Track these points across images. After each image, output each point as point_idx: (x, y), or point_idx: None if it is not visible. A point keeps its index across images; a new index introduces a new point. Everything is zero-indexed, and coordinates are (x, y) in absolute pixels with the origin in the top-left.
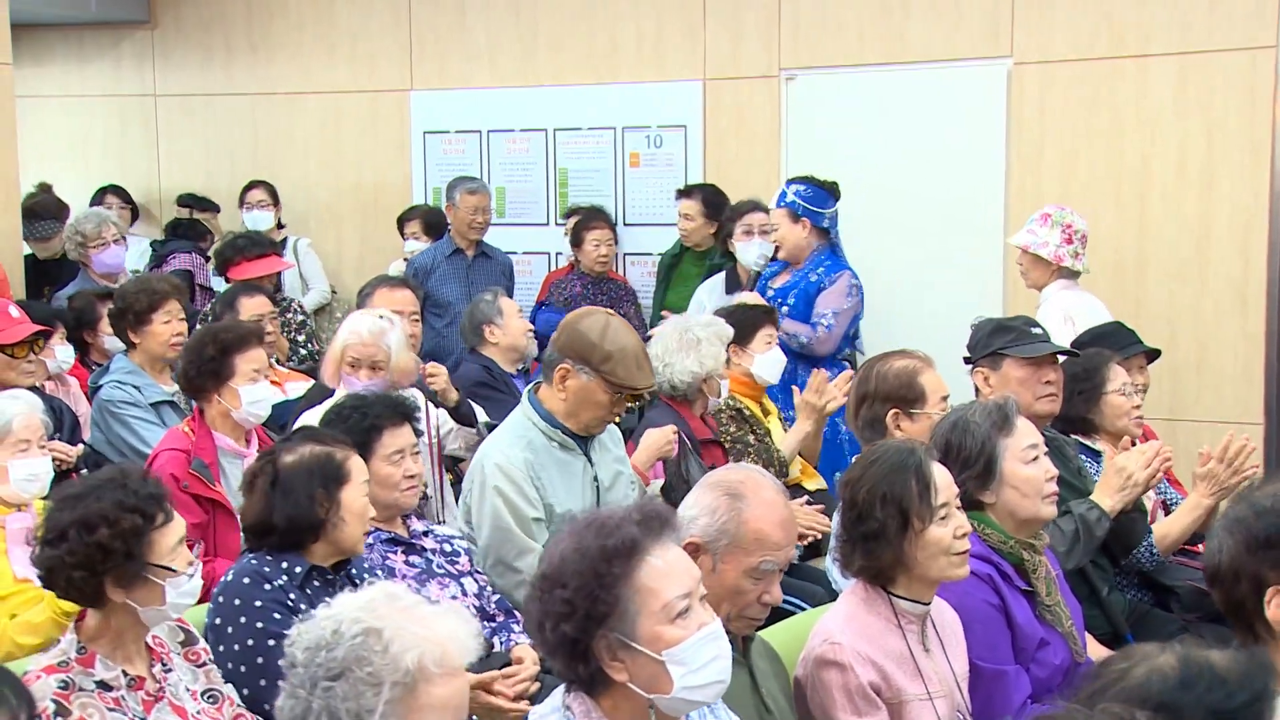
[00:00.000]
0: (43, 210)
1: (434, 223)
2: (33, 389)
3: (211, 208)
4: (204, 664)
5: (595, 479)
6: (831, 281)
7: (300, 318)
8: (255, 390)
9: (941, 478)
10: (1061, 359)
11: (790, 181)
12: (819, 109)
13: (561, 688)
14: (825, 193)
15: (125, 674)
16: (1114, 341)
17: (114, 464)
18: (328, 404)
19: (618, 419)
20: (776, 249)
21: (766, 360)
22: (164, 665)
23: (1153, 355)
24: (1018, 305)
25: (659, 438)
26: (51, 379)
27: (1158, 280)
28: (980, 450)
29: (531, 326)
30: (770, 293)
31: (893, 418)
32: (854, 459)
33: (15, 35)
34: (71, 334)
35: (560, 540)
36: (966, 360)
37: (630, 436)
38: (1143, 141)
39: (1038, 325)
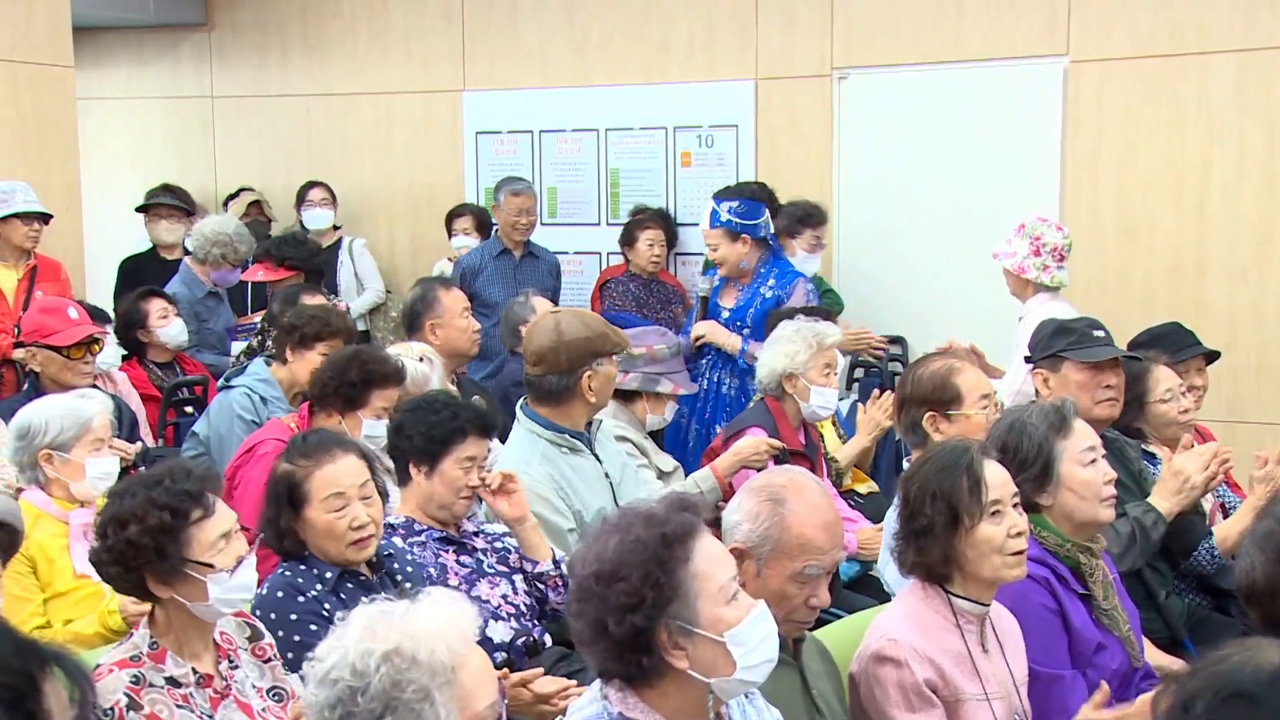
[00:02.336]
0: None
1: (485, 221)
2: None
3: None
4: (269, 660)
5: (606, 474)
6: (788, 293)
7: None
8: (377, 426)
9: (994, 476)
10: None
11: (718, 199)
12: (871, 108)
13: (598, 680)
14: (756, 202)
15: (194, 671)
16: (1171, 343)
17: (166, 460)
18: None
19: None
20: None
21: (824, 395)
22: (231, 662)
23: (1212, 357)
24: (1072, 306)
25: (749, 447)
26: (99, 377)
27: (1217, 281)
28: (1037, 452)
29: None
30: (725, 314)
31: (929, 420)
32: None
33: (76, 38)
34: (124, 336)
35: (600, 540)
36: (1027, 359)
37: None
38: (1202, 140)
39: (1101, 328)
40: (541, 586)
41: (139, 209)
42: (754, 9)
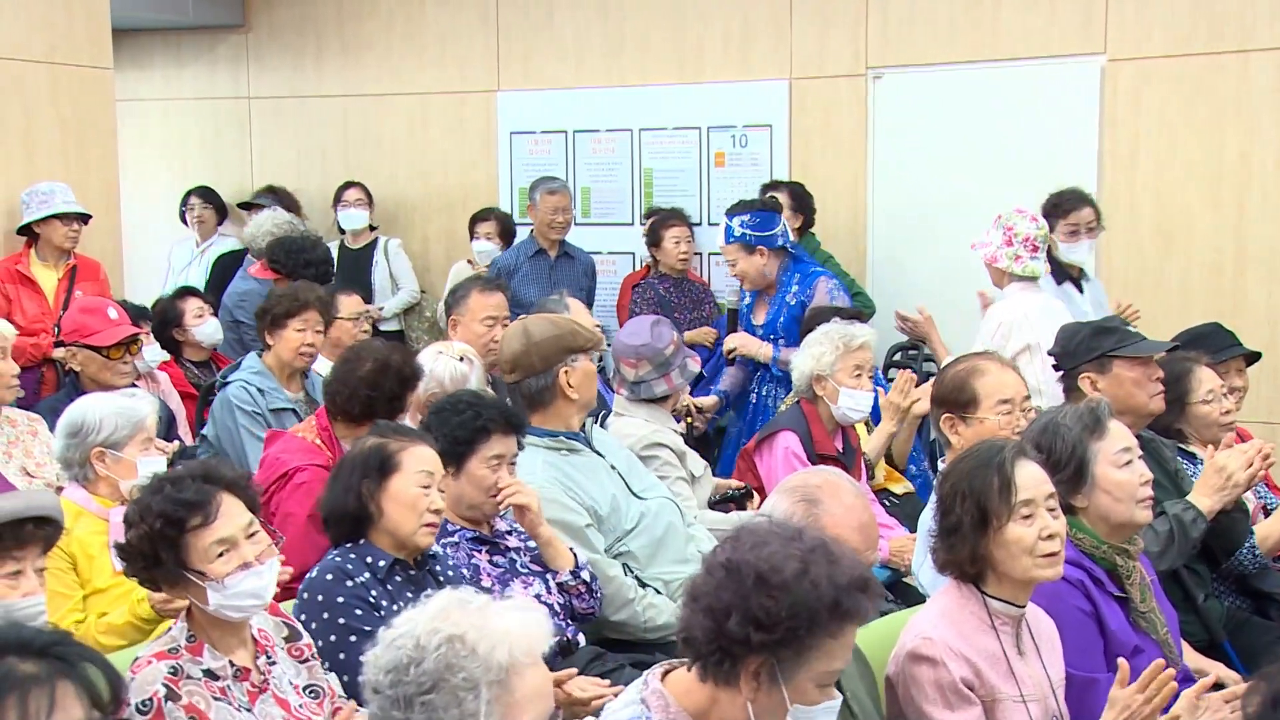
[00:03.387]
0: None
1: (509, 227)
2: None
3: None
4: (307, 659)
5: (613, 466)
6: (811, 295)
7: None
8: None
9: (1027, 476)
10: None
11: (730, 214)
12: (906, 107)
13: (637, 682)
14: (768, 213)
15: (232, 664)
16: (1212, 343)
17: (187, 462)
18: None
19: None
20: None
21: (854, 397)
22: (268, 658)
23: (1252, 358)
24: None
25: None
26: (141, 377)
27: (1257, 280)
28: (1071, 454)
29: (599, 324)
30: (759, 331)
31: (946, 422)
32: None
33: (115, 40)
34: (160, 335)
35: (786, 546)
36: (1056, 367)
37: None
38: (1241, 139)
39: (1127, 323)
40: (564, 595)
41: (241, 206)
42: (788, 9)
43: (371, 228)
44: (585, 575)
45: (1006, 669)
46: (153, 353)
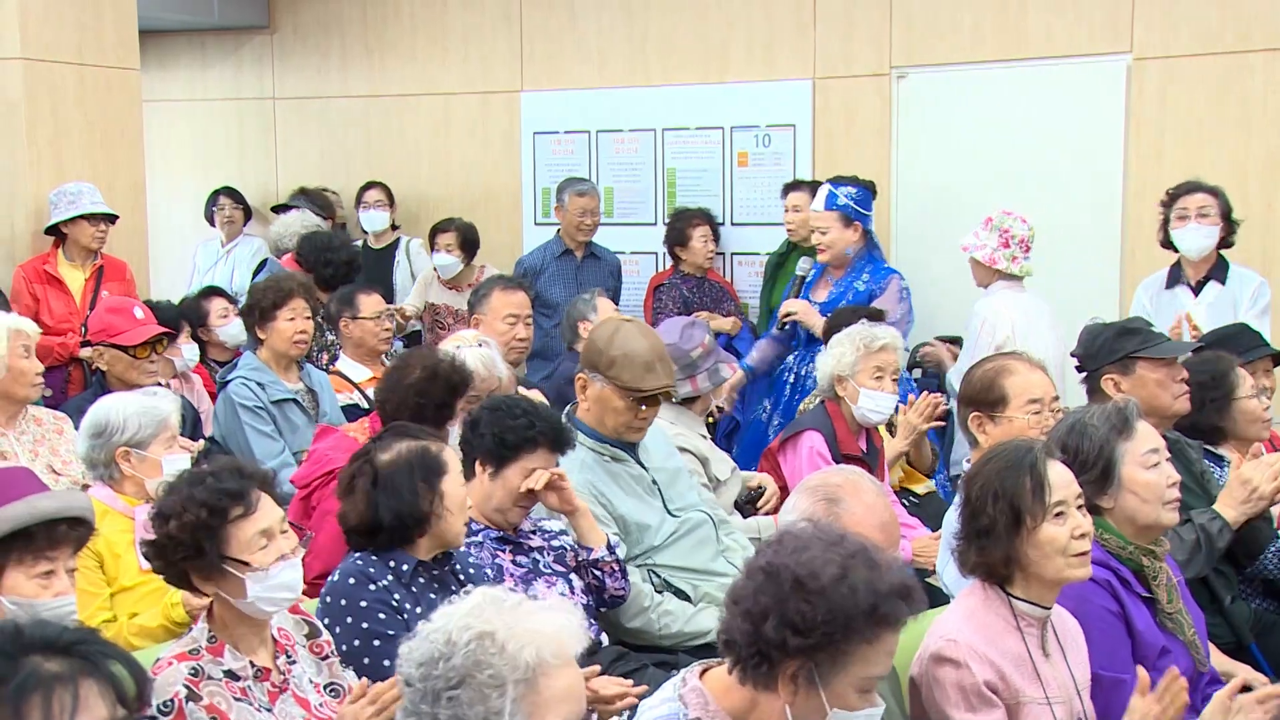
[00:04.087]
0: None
1: (471, 239)
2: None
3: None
4: (327, 657)
5: (654, 481)
6: (882, 288)
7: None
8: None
9: (1059, 476)
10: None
11: (835, 183)
12: (931, 107)
13: (674, 680)
14: (869, 192)
15: (252, 665)
16: (1239, 343)
17: (219, 457)
18: None
19: (644, 424)
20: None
21: (874, 398)
22: (288, 657)
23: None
24: (1135, 305)
25: None
26: (177, 377)
27: None
28: (1098, 454)
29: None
30: (817, 307)
31: (974, 422)
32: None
33: (141, 41)
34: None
35: (827, 551)
36: (1079, 368)
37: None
38: (1269, 137)
39: (1150, 324)
40: (598, 573)
41: (274, 209)
42: (812, 9)
43: (394, 227)
44: (620, 553)
45: (1031, 671)
46: (190, 352)
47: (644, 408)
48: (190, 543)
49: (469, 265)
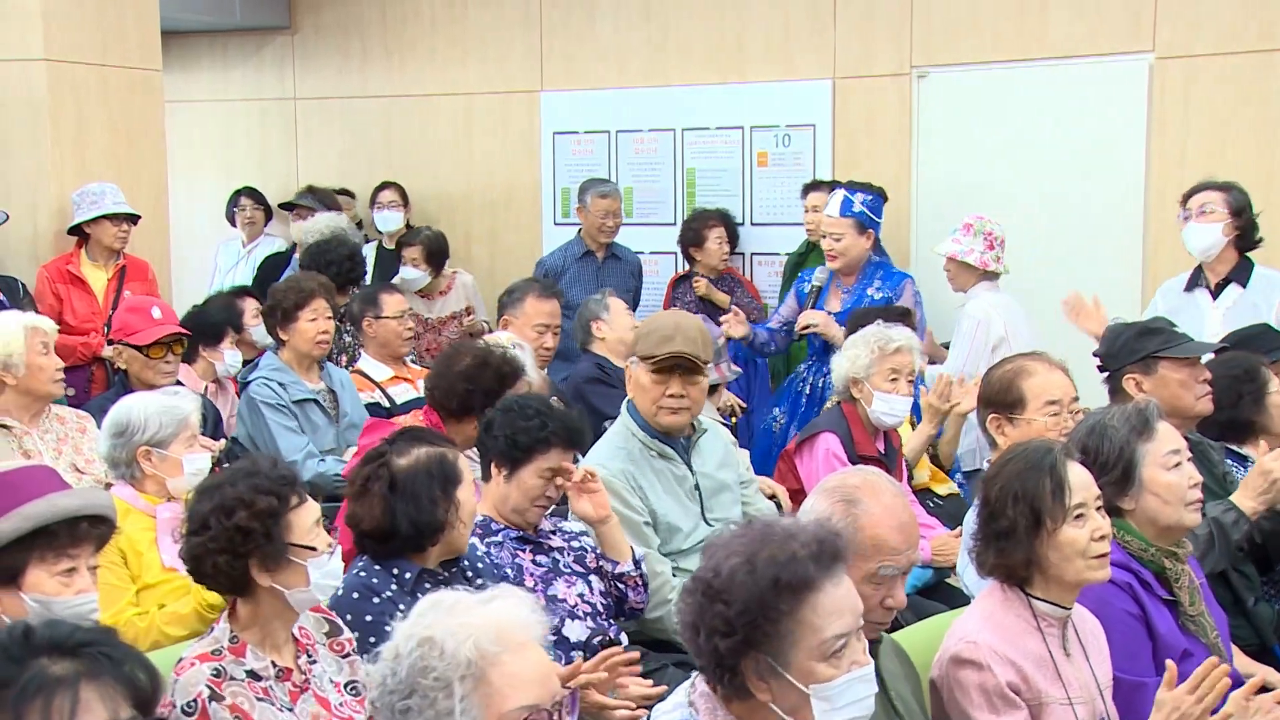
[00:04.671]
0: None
1: (436, 250)
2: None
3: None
4: (348, 655)
5: (697, 486)
6: (898, 294)
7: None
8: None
9: (1078, 478)
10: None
11: (850, 189)
12: (952, 107)
13: (686, 684)
14: (881, 199)
15: (274, 665)
16: (1262, 343)
17: (248, 455)
18: None
19: (677, 406)
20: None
21: (888, 401)
22: (309, 656)
23: None
24: (1151, 309)
25: None
26: (216, 381)
27: None
28: (1118, 455)
29: (638, 324)
30: (832, 318)
31: (993, 423)
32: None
33: (163, 42)
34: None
35: (730, 547)
36: (1101, 368)
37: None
38: None
39: (1174, 325)
40: (621, 586)
41: (283, 206)
42: (832, 8)
43: (409, 227)
44: (645, 568)
45: (1053, 671)
46: (233, 358)
47: (671, 387)
48: (262, 530)
49: (439, 275)
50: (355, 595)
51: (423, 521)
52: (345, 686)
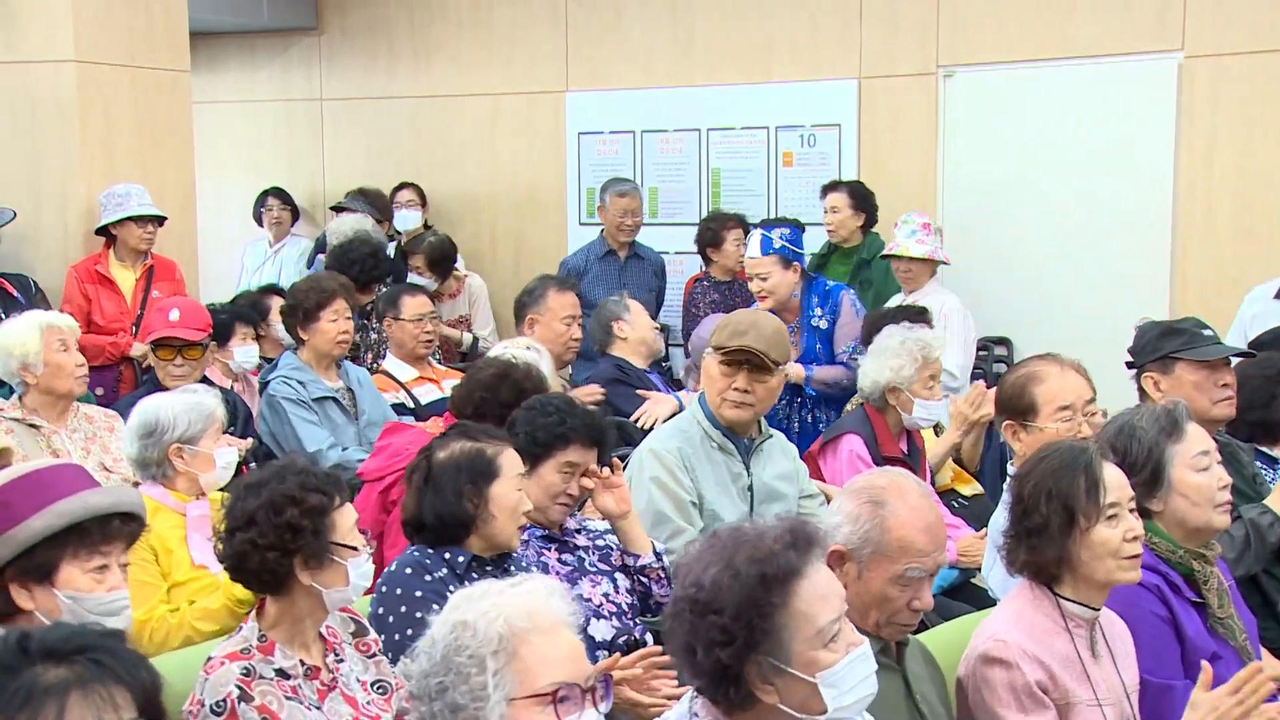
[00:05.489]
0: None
1: (439, 257)
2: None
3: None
4: (374, 655)
5: (750, 488)
6: (838, 311)
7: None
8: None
9: (1113, 478)
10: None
11: (768, 226)
12: (978, 106)
13: (688, 694)
14: (799, 229)
15: (303, 663)
16: None
17: (284, 455)
18: None
19: (740, 400)
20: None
21: (927, 407)
22: (336, 655)
23: None
24: (1186, 306)
25: None
26: (237, 379)
27: None
28: (1147, 457)
29: (658, 325)
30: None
31: (1007, 429)
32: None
33: (191, 43)
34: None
35: (704, 559)
36: (1130, 365)
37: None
38: None
39: (1208, 327)
40: (645, 580)
41: (333, 209)
42: (858, 7)
43: (427, 226)
44: (667, 561)
45: (1081, 672)
46: (244, 354)
47: (737, 381)
48: (311, 528)
49: (447, 279)
50: (408, 571)
51: (446, 513)
52: (372, 685)
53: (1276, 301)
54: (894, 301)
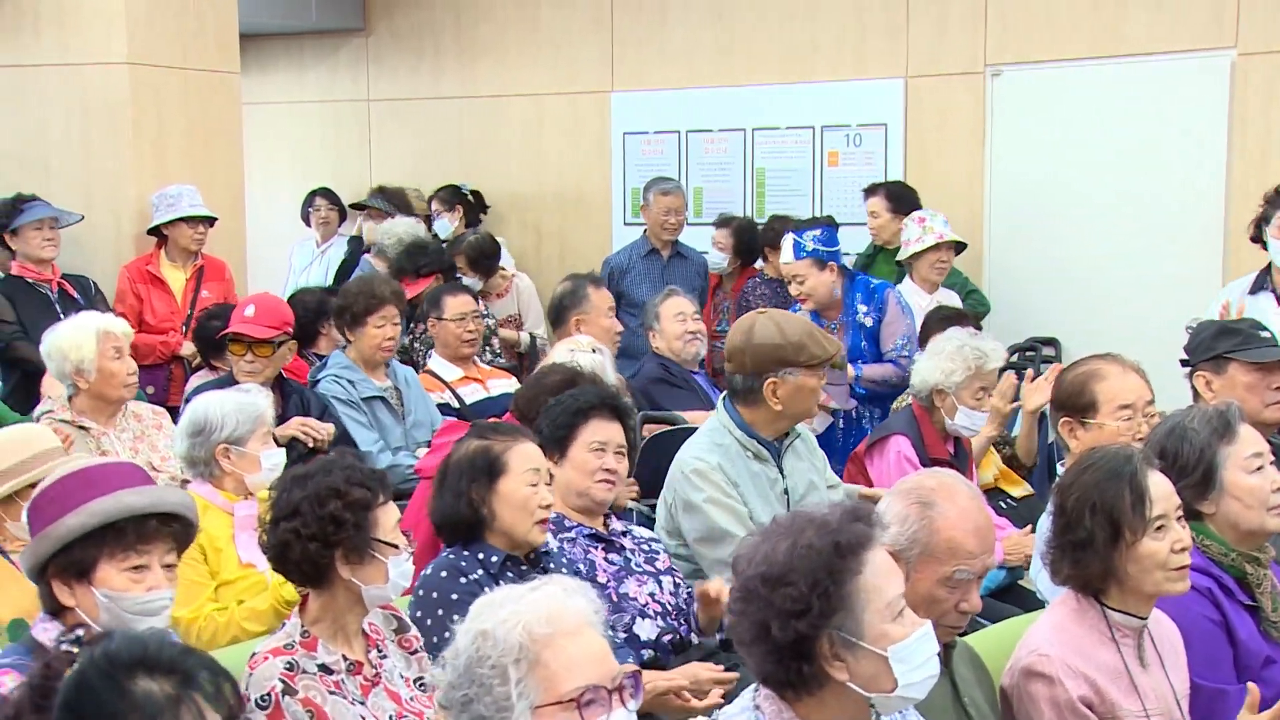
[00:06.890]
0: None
1: (479, 257)
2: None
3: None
4: (416, 651)
5: (786, 490)
6: (884, 310)
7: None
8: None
9: (1159, 488)
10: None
11: (799, 230)
12: (1026, 105)
13: (749, 689)
14: (832, 228)
15: (345, 658)
16: None
17: (335, 451)
18: None
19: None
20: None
21: (970, 417)
22: (379, 651)
23: None
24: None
25: None
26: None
27: None
28: (1199, 458)
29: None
30: None
31: (1065, 427)
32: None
33: (241, 45)
34: (305, 328)
35: (769, 540)
36: (1184, 363)
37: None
38: None
39: (1265, 329)
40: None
41: (353, 207)
42: (904, 6)
43: (468, 225)
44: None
45: (1128, 683)
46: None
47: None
48: (353, 521)
49: (491, 277)
50: (443, 575)
51: (448, 513)
52: (414, 682)
53: (1251, 298)
54: (932, 301)
